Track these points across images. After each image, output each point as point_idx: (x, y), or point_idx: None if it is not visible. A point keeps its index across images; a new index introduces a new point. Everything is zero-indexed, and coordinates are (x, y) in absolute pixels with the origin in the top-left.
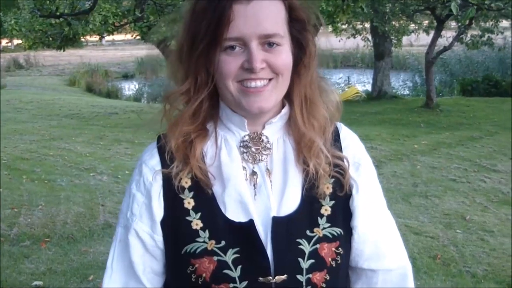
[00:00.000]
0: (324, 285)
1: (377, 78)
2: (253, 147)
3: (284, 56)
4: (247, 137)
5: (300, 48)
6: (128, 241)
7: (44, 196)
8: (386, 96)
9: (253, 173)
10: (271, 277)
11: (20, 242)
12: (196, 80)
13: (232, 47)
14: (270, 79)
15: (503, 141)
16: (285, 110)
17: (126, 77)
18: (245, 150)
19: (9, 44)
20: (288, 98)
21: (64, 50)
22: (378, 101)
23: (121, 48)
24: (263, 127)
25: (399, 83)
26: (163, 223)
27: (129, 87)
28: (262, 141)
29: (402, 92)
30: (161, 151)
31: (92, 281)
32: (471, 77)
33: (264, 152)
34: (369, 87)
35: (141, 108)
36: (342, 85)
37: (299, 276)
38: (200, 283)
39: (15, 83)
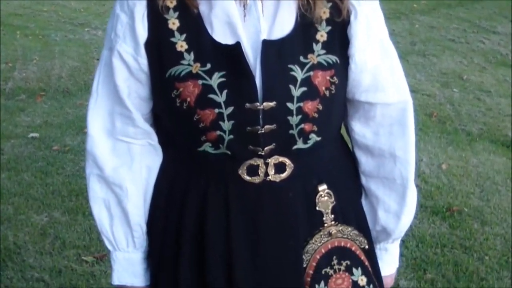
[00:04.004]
0: (316, 115)
1: None
2: None
3: None
4: None
5: None
6: (112, 64)
7: (38, 51)
8: None
9: None
10: (258, 104)
11: (15, 96)
12: None
13: None
14: None
15: (504, 3)
16: None
17: None
18: None
19: None
20: None
21: None
22: None
23: None
24: None
25: None
26: (147, 45)
27: None
28: None
29: None
30: None
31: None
32: None
33: None
34: None
35: None
36: None
37: (289, 104)
38: (184, 108)
39: None
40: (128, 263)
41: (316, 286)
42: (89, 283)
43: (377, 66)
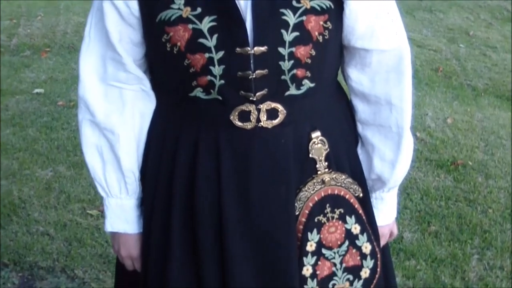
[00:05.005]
0: (309, 60)
1: None
2: None
3: None
4: None
5: None
6: (103, 8)
7: (43, 7)
8: None
9: None
10: (249, 48)
11: (20, 53)
12: None
13: None
14: None
15: None
16: None
17: None
18: None
19: None
20: None
21: None
22: None
23: None
24: None
25: None
26: None
27: None
28: None
29: None
30: None
31: None
32: None
33: None
34: None
35: None
36: None
37: (280, 49)
38: (175, 52)
39: None
40: (121, 210)
41: (309, 234)
42: (94, 236)
43: (373, 13)
